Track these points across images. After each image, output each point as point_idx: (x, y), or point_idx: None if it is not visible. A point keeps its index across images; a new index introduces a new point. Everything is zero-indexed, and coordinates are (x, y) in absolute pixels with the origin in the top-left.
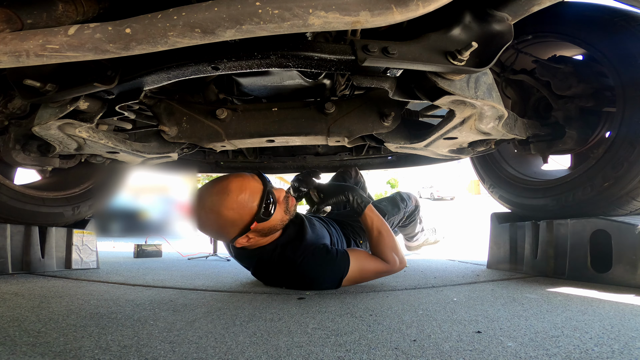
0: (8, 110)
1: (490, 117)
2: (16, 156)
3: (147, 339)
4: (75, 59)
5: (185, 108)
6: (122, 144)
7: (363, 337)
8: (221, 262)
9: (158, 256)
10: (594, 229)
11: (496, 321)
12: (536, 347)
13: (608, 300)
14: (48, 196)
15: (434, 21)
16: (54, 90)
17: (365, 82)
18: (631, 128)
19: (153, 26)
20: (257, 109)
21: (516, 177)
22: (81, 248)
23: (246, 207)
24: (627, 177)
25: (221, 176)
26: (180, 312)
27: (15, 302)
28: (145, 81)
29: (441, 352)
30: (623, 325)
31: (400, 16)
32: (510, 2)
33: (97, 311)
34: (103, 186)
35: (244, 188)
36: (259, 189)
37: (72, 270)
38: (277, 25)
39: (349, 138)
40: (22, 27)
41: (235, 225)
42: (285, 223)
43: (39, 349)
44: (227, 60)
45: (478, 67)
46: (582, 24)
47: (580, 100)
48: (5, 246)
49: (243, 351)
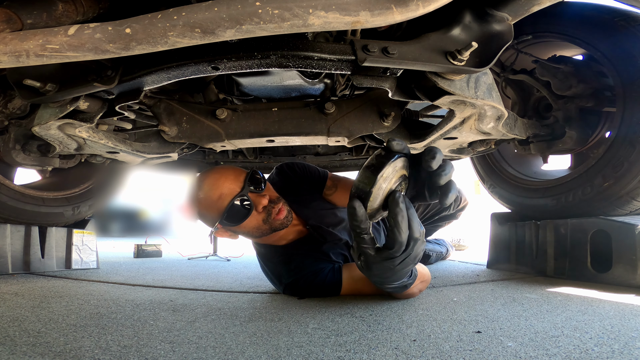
0: (8, 110)
1: (490, 117)
2: (16, 156)
3: (147, 339)
4: (75, 59)
5: (185, 108)
6: (122, 144)
7: (363, 337)
8: (221, 262)
9: (158, 256)
10: (594, 229)
11: (496, 321)
12: (536, 347)
13: (608, 300)
14: (48, 196)
15: (433, 21)
16: (54, 90)
17: (365, 82)
18: (631, 128)
19: (153, 26)
20: (257, 109)
21: (516, 177)
22: (81, 248)
23: (212, 207)
24: (627, 177)
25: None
26: (180, 312)
27: (15, 302)
28: (145, 81)
29: (441, 352)
30: (623, 325)
31: (400, 16)
32: (510, 2)
33: (97, 311)
34: (103, 186)
35: (216, 187)
36: (233, 191)
37: (72, 270)
38: (277, 25)
39: (349, 138)
40: (22, 27)
41: (207, 219)
42: (265, 232)
43: (39, 349)
44: (227, 60)
45: (478, 67)
46: (582, 24)
47: (580, 100)
48: (5, 246)
49: (243, 351)
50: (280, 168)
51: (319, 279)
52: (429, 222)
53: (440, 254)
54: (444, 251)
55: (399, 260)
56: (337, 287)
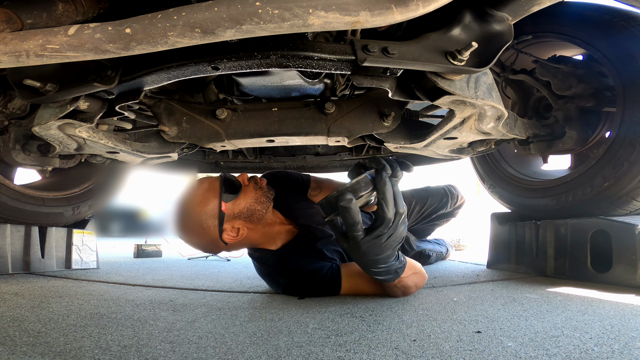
0: (8, 110)
1: (490, 117)
2: (16, 156)
3: (147, 339)
4: (75, 59)
5: (185, 108)
6: (122, 144)
7: (363, 337)
8: (221, 262)
9: (158, 256)
10: (594, 229)
11: (496, 321)
12: (536, 347)
13: (608, 300)
14: (48, 196)
15: (433, 21)
16: (54, 90)
17: (365, 82)
18: (631, 128)
19: (153, 26)
20: (257, 109)
21: (516, 177)
22: (81, 248)
23: (208, 191)
24: (627, 177)
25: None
26: (180, 312)
27: (15, 302)
28: (145, 81)
29: (441, 352)
30: (623, 325)
31: (400, 16)
32: (510, 2)
33: (97, 311)
34: (103, 186)
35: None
36: (213, 179)
37: (72, 270)
38: (277, 25)
39: (349, 138)
40: (22, 27)
41: (210, 216)
42: (265, 203)
43: (39, 349)
44: (227, 60)
45: (478, 67)
46: (582, 24)
47: (580, 100)
48: (5, 246)
49: (243, 351)
50: (263, 177)
51: (318, 278)
52: (427, 221)
53: (440, 254)
54: (444, 251)
55: (386, 236)
56: (337, 286)
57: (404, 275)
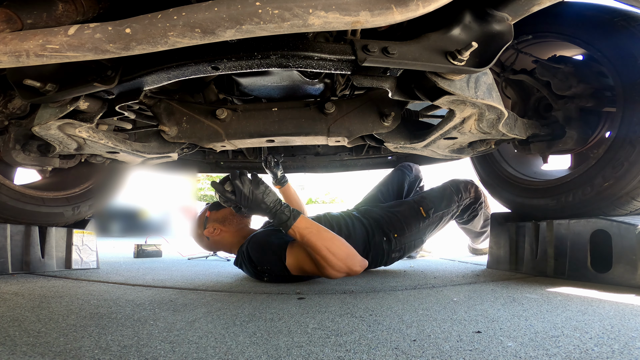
0: (8, 110)
1: (490, 117)
2: (16, 156)
3: (147, 339)
4: (75, 59)
5: (185, 108)
6: (122, 144)
7: (363, 337)
8: (221, 262)
9: (158, 256)
10: (594, 229)
11: (496, 321)
12: (536, 347)
13: (608, 300)
14: (48, 196)
15: (434, 21)
16: (54, 90)
17: (365, 82)
18: (631, 128)
19: (153, 26)
20: (257, 109)
21: (516, 177)
22: (81, 248)
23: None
24: (627, 177)
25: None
26: (180, 312)
27: (15, 302)
28: (145, 81)
29: (441, 352)
30: (623, 325)
31: (400, 16)
32: (510, 2)
33: (97, 311)
34: (103, 186)
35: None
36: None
37: (72, 270)
38: (277, 25)
39: (349, 138)
40: (22, 27)
41: (201, 219)
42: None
43: (39, 349)
44: (227, 60)
45: (478, 67)
46: (582, 24)
47: (580, 100)
48: (5, 246)
49: (243, 351)
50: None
51: (269, 243)
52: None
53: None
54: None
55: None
56: (283, 253)
57: (309, 232)
